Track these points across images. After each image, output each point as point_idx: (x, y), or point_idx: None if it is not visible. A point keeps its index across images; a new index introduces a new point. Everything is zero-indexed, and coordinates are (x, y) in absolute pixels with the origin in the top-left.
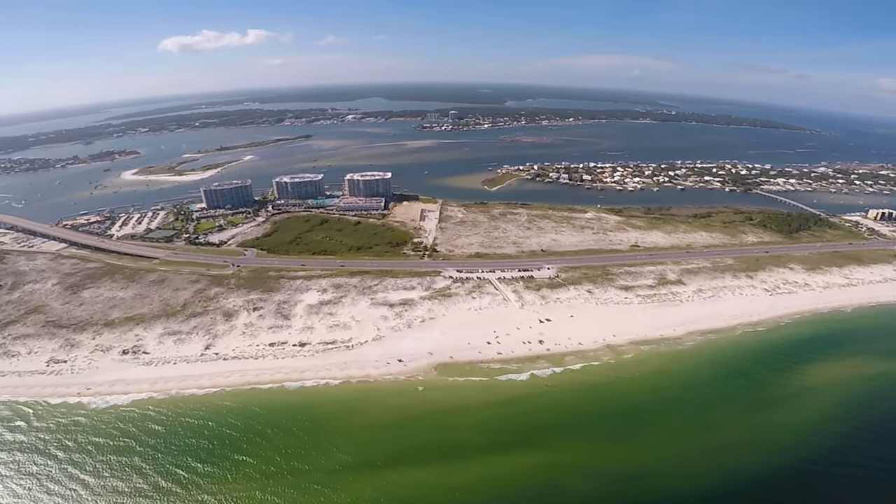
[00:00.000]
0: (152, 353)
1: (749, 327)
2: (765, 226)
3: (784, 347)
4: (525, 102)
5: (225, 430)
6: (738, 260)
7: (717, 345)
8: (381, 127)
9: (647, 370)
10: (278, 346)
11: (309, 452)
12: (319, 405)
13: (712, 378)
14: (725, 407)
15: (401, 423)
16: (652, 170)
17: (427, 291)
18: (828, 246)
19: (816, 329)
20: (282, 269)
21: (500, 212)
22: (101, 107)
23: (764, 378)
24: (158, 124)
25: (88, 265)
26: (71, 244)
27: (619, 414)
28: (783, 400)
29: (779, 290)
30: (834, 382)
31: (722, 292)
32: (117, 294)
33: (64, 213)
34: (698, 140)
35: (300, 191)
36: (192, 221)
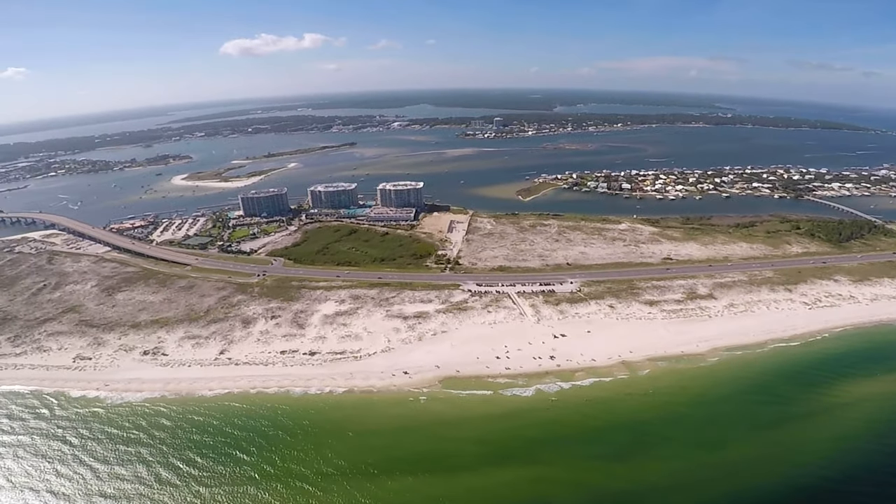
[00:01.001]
0: (170, 355)
1: (782, 342)
2: (812, 235)
3: (818, 363)
4: (575, 108)
5: (228, 430)
6: (779, 272)
7: (742, 361)
8: (426, 135)
9: (661, 387)
10: (289, 354)
11: (306, 456)
12: (321, 412)
13: (731, 395)
14: (742, 424)
15: (398, 433)
16: (697, 177)
17: (443, 305)
18: (881, 255)
19: (857, 343)
20: (304, 279)
21: (530, 223)
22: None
23: (790, 394)
24: (214, 129)
25: (126, 269)
26: (114, 248)
27: (624, 431)
28: (809, 416)
29: (820, 304)
30: (869, 398)
31: (756, 307)
32: (148, 298)
33: (114, 216)
34: (752, 144)
35: (333, 200)
36: (227, 229)
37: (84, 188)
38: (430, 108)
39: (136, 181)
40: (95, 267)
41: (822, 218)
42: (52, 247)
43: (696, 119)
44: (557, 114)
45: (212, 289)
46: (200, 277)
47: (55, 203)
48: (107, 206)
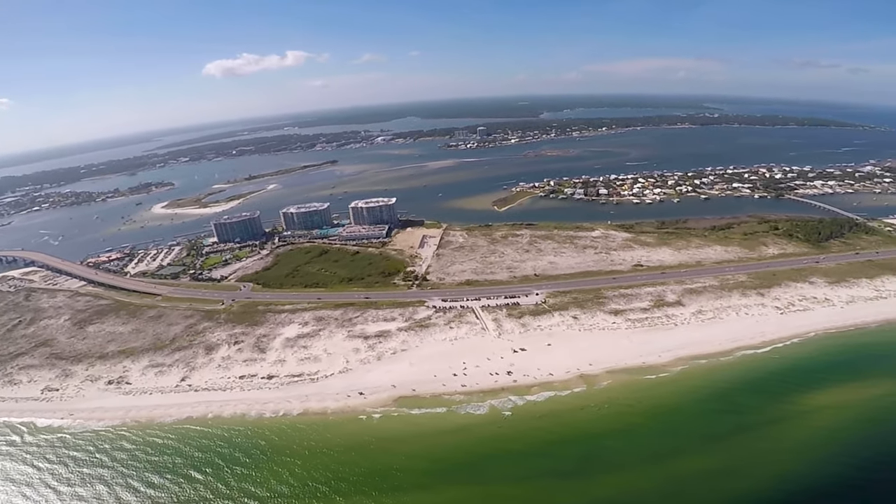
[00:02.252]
0: (134, 384)
1: (749, 350)
2: (790, 235)
3: (784, 371)
4: (561, 114)
5: (185, 452)
6: (752, 276)
7: (705, 370)
8: (409, 148)
9: (617, 400)
10: (247, 379)
11: (259, 476)
12: (275, 434)
13: (689, 405)
14: (697, 436)
15: (350, 452)
16: (676, 179)
17: (406, 322)
18: (861, 255)
19: (828, 349)
20: (271, 304)
21: (502, 234)
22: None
23: (751, 404)
24: (198, 153)
25: (100, 302)
26: (89, 282)
27: (575, 446)
28: (768, 427)
29: (792, 308)
30: (834, 407)
31: (725, 313)
32: (117, 329)
33: (94, 249)
34: (737, 143)
35: (307, 221)
36: (201, 257)
37: (66, 222)
38: (417, 121)
39: (117, 212)
40: (70, 301)
41: (802, 217)
42: (31, 284)
43: (682, 120)
44: (542, 120)
45: (179, 317)
46: (170, 307)
47: (37, 239)
48: (87, 240)
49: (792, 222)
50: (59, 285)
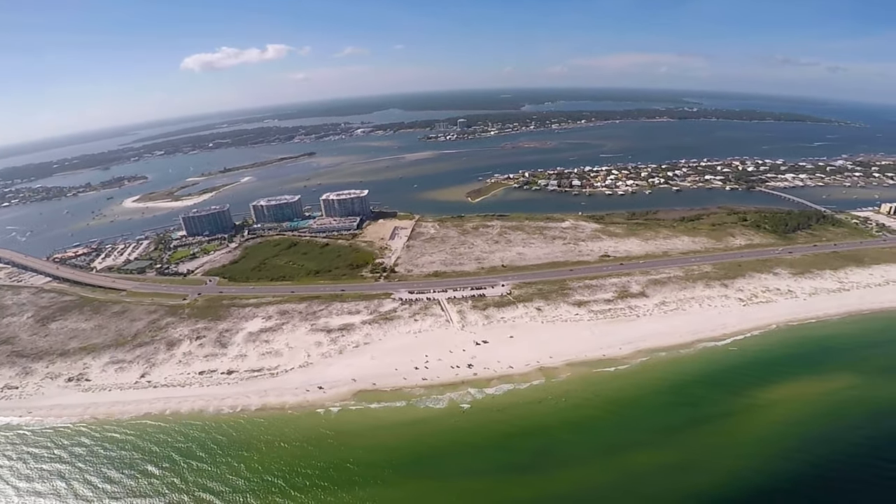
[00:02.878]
0: (93, 381)
1: (710, 342)
2: (758, 226)
3: (743, 363)
4: (543, 106)
5: (142, 447)
6: (718, 266)
7: (665, 362)
8: (389, 140)
9: (575, 392)
10: (207, 375)
11: (215, 470)
12: (233, 429)
13: (646, 398)
14: (652, 428)
15: (306, 447)
16: (650, 171)
17: (371, 315)
18: (827, 246)
19: (789, 342)
20: (235, 298)
21: (473, 225)
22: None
23: (708, 396)
24: (174, 146)
25: (64, 298)
26: (54, 278)
27: (531, 439)
28: (726, 421)
29: (755, 300)
30: (790, 401)
31: (688, 304)
32: (80, 325)
33: (62, 244)
34: (713, 137)
35: (277, 213)
36: (168, 251)
37: (35, 217)
38: (399, 113)
39: (88, 206)
40: (34, 298)
41: (771, 209)
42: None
43: (660, 114)
44: (523, 113)
45: (143, 313)
46: (134, 302)
47: (4, 235)
48: (55, 235)
49: (761, 214)
50: (24, 282)
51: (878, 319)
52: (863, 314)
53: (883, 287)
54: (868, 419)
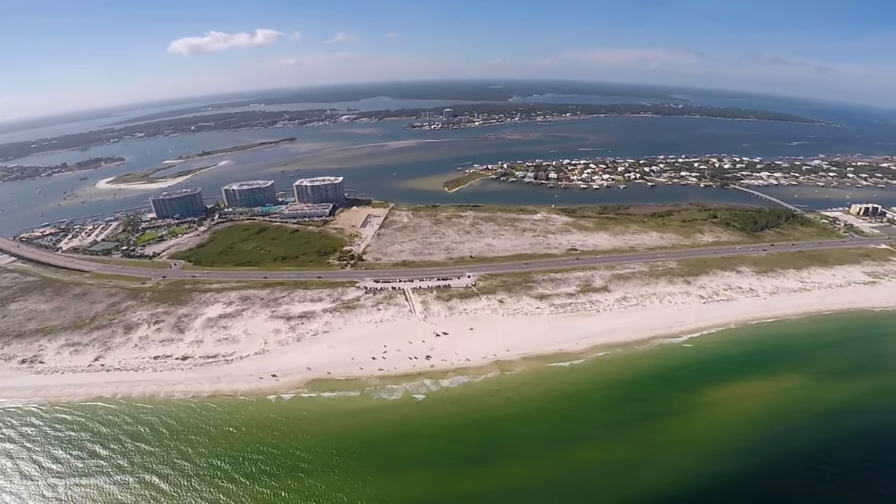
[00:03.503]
0: (47, 363)
1: (667, 339)
2: (727, 224)
3: (698, 361)
4: (531, 98)
5: (91, 430)
6: (683, 263)
7: (620, 359)
8: (373, 127)
9: (528, 387)
10: (161, 360)
11: (161, 453)
12: (182, 414)
13: (598, 394)
14: (603, 425)
15: (255, 433)
16: (627, 166)
17: (334, 303)
18: (794, 245)
19: (745, 340)
20: (199, 282)
21: (447, 215)
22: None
23: (661, 395)
24: (155, 128)
25: (27, 279)
26: (18, 258)
27: (481, 433)
28: (675, 418)
29: (716, 297)
30: (742, 400)
31: (649, 300)
32: (39, 307)
33: (32, 224)
34: (694, 134)
35: (249, 198)
36: (137, 233)
37: (7, 196)
38: (387, 101)
39: (61, 187)
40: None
41: (742, 207)
42: None
43: (645, 109)
44: (510, 104)
45: (104, 295)
46: (96, 284)
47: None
48: (25, 215)
49: (731, 211)
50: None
51: (837, 320)
52: (822, 315)
53: (844, 288)
54: (817, 421)
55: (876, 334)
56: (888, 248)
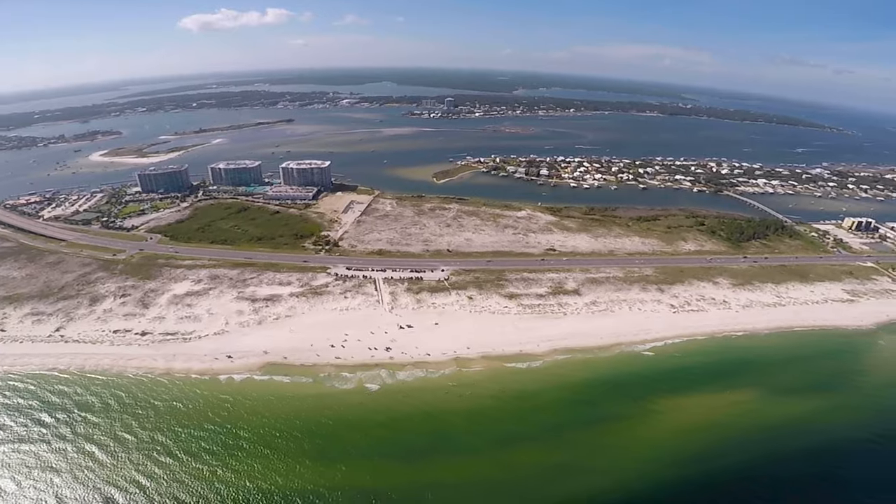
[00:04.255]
0: (8, 332)
1: (629, 346)
2: (713, 232)
3: (657, 371)
4: (537, 91)
5: (40, 398)
6: (660, 270)
7: (578, 364)
8: (372, 112)
9: (482, 385)
10: (121, 334)
11: (104, 427)
12: (133, 388)
13: (549, 397)
14: (547, 427)
15: (201, 412)
16: (621, 166)
17: (301, 288)
18: (779, 258)
19: (709, 353)
20: (171, 258)
21: (430, 206)
22: (121, 84)
23: (613, 402)
24: (157, 104)
25: (4, 244)
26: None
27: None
28: (621, 424)
29: (687, 307)
30: (694, 412)
31: (618, 306)
32: (11, 273)
33: (19, 192)
34: (697, 135)
35: (235, 177)
36: (120, 205)
37: (2, 164)
38: (391, 86)
39: (56, 157)
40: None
41: (732, 215)
42: None
43: (651, 108)
44: (513, 96)
45: (77, 265)
46: (71, 253)
47: None
48: (15, 183)
49: (720, 219)
50: None
51: (806, 337)
52: (793, 330)
53: (821, 305)
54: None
55: (843, 352)
56: (873, 267)
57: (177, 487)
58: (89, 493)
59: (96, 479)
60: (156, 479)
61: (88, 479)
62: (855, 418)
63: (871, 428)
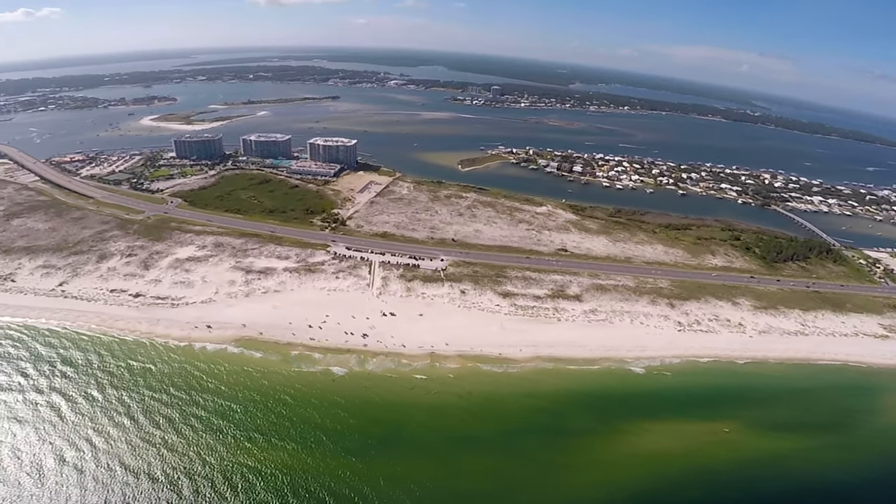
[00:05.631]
0: (17, 283)
1: (618, 362)
2: (747, 248)
3: (640, 392)
4: (595, 87)
5: (29, 351)
6: (676, 284)
7: (557, 374)
8: (416, 95)
9: (452, 384)
10: (117, 294)
11: (77, 383)
12: (112, 349)
13: (516, 405)
14: (506, 433)
15: (169, 378)
16: (663, 169)
17: (297, 264)
18: (815, 284)
19: (705, 377)
20: (184, 222)
21: (447, 193)
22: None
23: (579, 417)
24: (217, 73)
25: (39, 198)
26: (41, 178)
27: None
28: (578, 441)
29: (695, 327)
30: (666, 440)
31: (620, 318)
32: (37, 226)
33: (68, 150)
34: (758, 144)
35: (264, 150)
36: (153, 168)
37: (61, 123)
38: (443, 71)
39: (110, 119)
40: (14, 194)
41: (773, 232)
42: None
43: (714, 112)
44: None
45: (97, 222)
46: (95, 211)
47: (24, 135)
48: (67, 141)
49: (758, 235)
50: (16, 179)
51: (821, 370)
52: (808, 362)
53: (849, 338)
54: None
55: (858, 388)
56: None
57: (125, 451)
58: (43, 448)
59: (54, 434)
60: (109, 439)
61: (47, 434)
62: (851, 460)
63: (866, 472)
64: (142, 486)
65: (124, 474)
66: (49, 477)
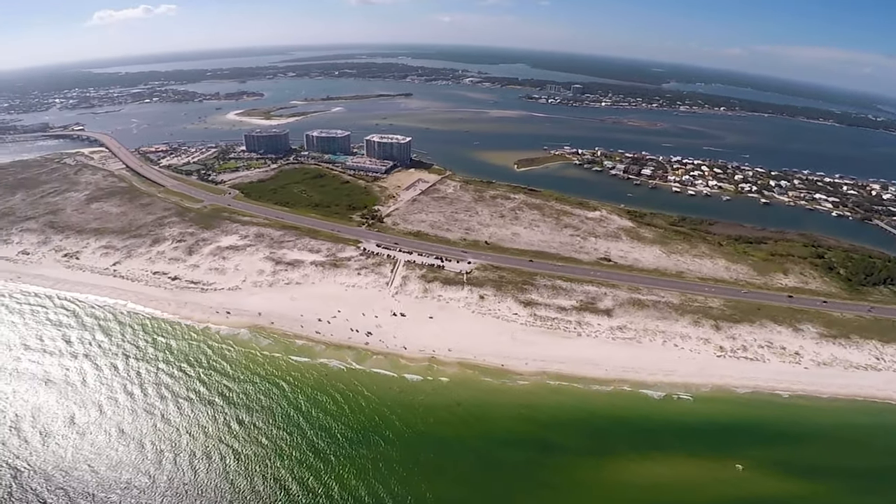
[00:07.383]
0: (80, 260)
1: (636, 387)
2: (830, 268)
3: (653, 421)
4: (693, 86)
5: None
6: (730, 304)
7: (560, 392)
8: (490, 93)
9: (443, 393)
10: (158, 276)
11: (108, 353)
12: (144, 324)
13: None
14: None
15: (183, 354)
16: (748, 175)
17: (326, 258)
18: None
19: (734, 409)
20: (235, 213)
21: (493, 194)
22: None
23: (571, 441)
24: (305, 70)
25: (120, 184)
26: (126, 167)
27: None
28: (563, 468)
29: (740, 353)
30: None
31: (650, 337)
32: (111, 210)
33: (157, 140)
34: (874, 151)
35: (324, 145)
36: (223, 161)
37: (160, 114)
38: (524, 69)
39: (201, 112)
40: (101, 180)
41: (868, 250)
42: (90, 161)
43: (827, 116)
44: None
45: (160, 209)
46: (162, 198)
47: (124, 125)
48: (159, 132)
49: (848, 253)
50: (107, 165)
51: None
52: (870, 401)
53: None
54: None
55: None
56: None
57: (126, 417)
58: (61, 408)
59: (73, 397)
60: (117, 406)
61: (66, 397)
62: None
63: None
64: (130, 452)
65: (119, 439)
66: (54, 438)
